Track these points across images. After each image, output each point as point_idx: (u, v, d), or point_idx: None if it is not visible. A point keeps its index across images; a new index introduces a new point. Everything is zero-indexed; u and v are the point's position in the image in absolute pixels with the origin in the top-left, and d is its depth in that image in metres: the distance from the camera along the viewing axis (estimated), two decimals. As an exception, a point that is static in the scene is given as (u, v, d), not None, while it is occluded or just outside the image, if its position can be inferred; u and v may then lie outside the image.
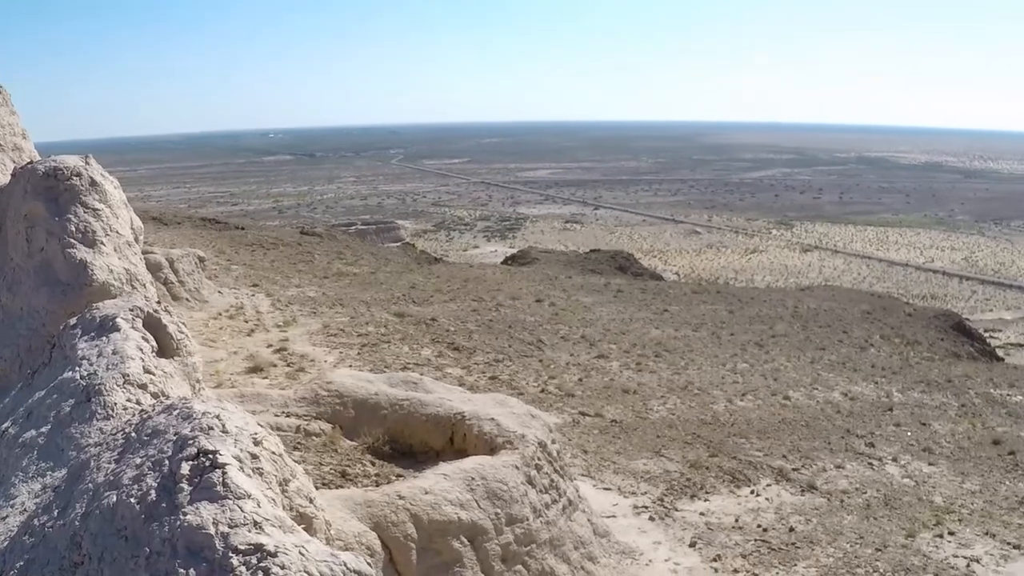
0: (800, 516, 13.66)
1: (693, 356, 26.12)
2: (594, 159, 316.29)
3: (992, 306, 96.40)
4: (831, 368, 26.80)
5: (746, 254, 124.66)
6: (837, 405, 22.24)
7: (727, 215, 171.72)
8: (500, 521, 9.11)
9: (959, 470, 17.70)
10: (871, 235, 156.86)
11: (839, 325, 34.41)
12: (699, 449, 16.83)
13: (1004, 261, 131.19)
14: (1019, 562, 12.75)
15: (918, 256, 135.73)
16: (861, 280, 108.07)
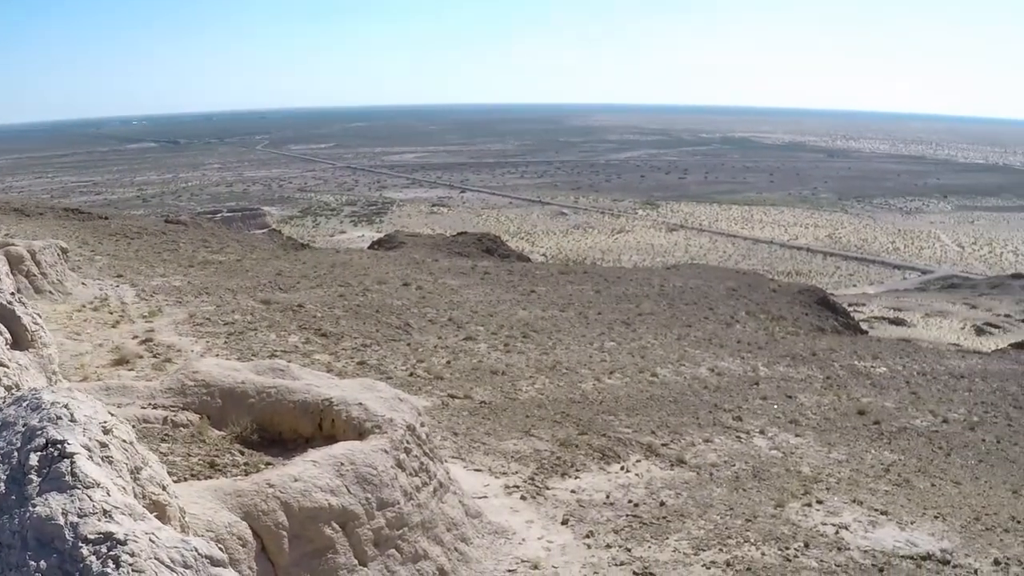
0: (670, 490, 15.07)
1: (561, 336, 28.10)
2: (460, 142, 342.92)
3: (856, 281, 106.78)
4: (698, 344, 29.32)
5: (613, 234, 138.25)
6: (704, 381, 24.44)
7: (594, 196, 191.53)
8: (371, 506, 9.81)
9: (826, 440, 19.94)
10: (736, 214, 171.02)
11: (705, 302, 37.50)
12: (568, 428, 18.25)
13: (867, 237, 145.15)
14: (886, 528, 14.57)
15: (783, 233, 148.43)
16: (727, 258, 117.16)
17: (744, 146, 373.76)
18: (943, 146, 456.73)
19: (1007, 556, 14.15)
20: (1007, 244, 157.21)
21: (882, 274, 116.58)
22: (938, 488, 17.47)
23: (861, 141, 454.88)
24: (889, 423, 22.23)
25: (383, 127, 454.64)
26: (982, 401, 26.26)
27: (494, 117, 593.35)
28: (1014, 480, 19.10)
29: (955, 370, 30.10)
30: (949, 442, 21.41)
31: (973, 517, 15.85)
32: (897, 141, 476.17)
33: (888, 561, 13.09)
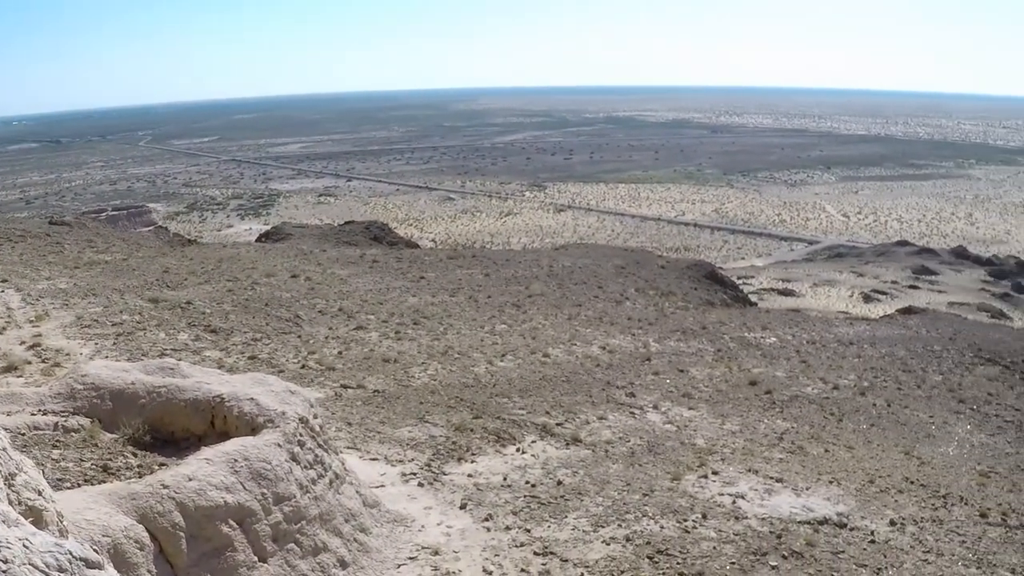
0: (567, 469, 15.18)
1: (452, 321, 28.11)
2: (344, 131, 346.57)
3: (744, 254, 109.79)
4: (588, 323, 29.59)
5: (501, 217, 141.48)
6: (596, 359, 24.66)
7: (480, 180, 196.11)
8: (268, 501, 9.73)
9: (719, 412, 20.28)
10: (623, 192, 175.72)
11: (595, 281, 37.90)
12: (463, 412, 18.24)
13: (753, 211, 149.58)
14: (782, 495, 14.89)
15: (670, 210, 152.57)
16: (615, 236, 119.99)
17: (629, 125, 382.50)
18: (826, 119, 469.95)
19: (902, 516, 14.60)
20: (891, 212, 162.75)
21: (769, 246, 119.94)
22: (831, 453, 17.91)
23: (744, 116, 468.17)
24: (781, 392, 22.75)
25: (267, 118, 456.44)
26: (871, 367, 27.00)
27: (378, 104, 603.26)
28: (905, 442, 19.71)
29: (844, 337, 30.89)
30: (840, 408, 22.00)
31: (867, 480, 16.28)
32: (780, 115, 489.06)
33: (786, 527, 13.36)
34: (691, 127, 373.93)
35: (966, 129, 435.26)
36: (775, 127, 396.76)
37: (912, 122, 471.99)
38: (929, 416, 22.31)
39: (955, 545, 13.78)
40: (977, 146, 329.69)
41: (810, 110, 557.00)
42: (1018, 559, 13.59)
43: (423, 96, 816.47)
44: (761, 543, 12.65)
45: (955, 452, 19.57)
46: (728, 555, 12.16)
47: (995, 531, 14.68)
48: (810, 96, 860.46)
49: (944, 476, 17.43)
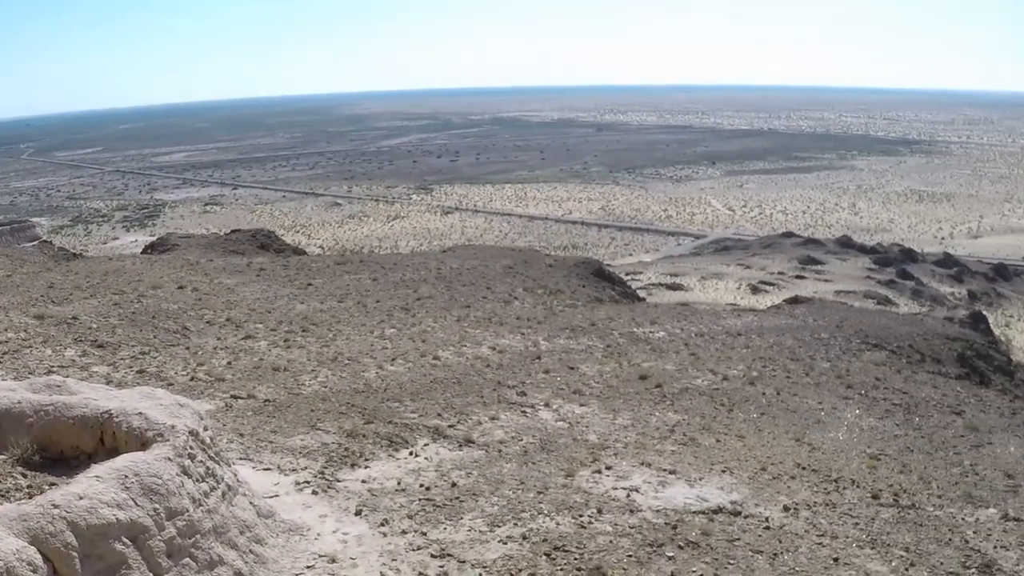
0: (461, 471, 15.10)
1: (341, 327, 27.79)
2: (229, 139, 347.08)
3: (631, 250, 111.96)
4: (478, 324, 29.57)
5: (388, 221, 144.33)
6: (486, 359, 24.63)
7: (367, 184, 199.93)
8: (160, 516, 9.47)
9: (610, 407, 20.40)
10: (509, 192, 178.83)
11: (483, 282, 37.95)
12: (355, 418, 18.02)
13: (639, 207, 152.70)
14: (676, 486, 15.02)
15: (557, 209, 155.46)
16: (503, 237, 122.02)
17: (514, 125, 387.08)
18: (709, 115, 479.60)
19: (795, 501, 14.88)
20: (776, 204, 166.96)
21: (657, 242, 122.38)
22: (723, 443, 18.17)
23: (629, 114, 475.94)
24: (671, 385, 23.00)
25: (151, 128, 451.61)
26: (760, 356, 27.48)
27: (263, 111, 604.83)
28: (796, 429, 20.09)
29: (732, 329, 31.40)
30: (731, 398, 22.33)
31: (759, 468, 16.55)
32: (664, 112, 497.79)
33: (681, 518, 13.46)
34: (577, 126, 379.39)
35: (848, 121, 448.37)
36: (660, 124, 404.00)
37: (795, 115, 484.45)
38: (818, 402, 22.80)
39: (849, 527, 14.06)
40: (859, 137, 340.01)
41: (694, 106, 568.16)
42: (911, 537, 13.94)
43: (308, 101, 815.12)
44: (657, 535, 12.73)
45: (845, 437, 20.01)
46: (625, 548, 12.21)
47: (887, 512, 15.03)
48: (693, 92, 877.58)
49: (835, 460, 17.83)
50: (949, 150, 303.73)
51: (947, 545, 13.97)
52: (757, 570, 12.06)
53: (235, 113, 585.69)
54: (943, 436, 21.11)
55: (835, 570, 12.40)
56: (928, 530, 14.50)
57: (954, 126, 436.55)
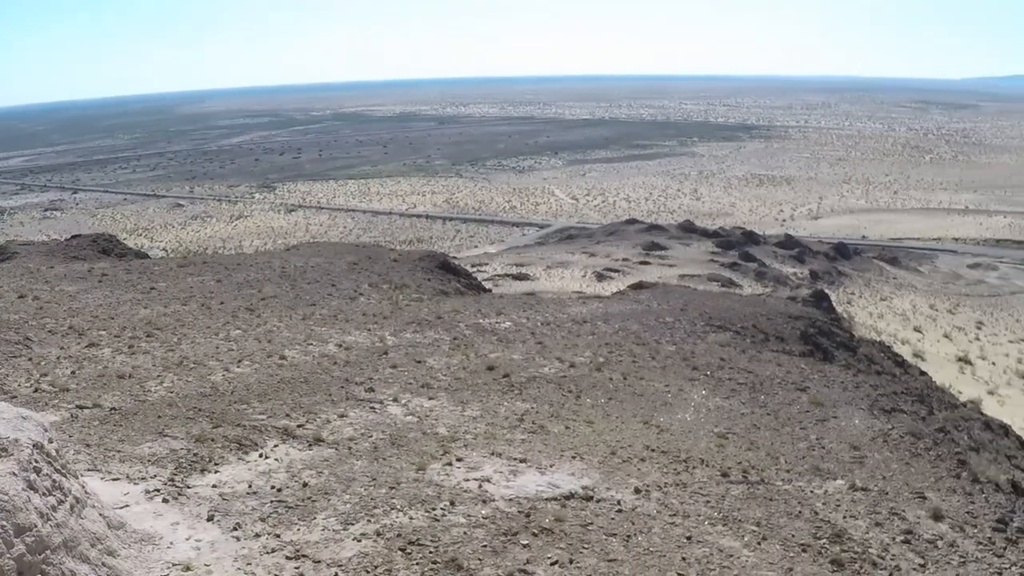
0: (312, 470, 14.94)
1: (185, 331, 27.05)
2: (68, 141, 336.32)
3: (477, 242, 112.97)
4: (324, 322, 29.22)
5: (232, 221, 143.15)
6: (333, 357, 24.35)
7: (209, 184, 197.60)
8: (8, 533, 9.14)
9: (459, 399, 20.41)
10: (353, 188, 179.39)
11: (327, 279, 37.53)
12: (202, 422, 17.58)
13: (483, 199, 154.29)
14: (528, 474, 15.13)
15: (401, 203, 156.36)
16: (348, 233, 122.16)
17: (356, 120, 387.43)
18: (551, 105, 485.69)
19: (646, 483, 15.13)
20: (618, 192, 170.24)
21: (502, 233, 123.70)
22: (572, 430, 18.36)
23: (471, 106, 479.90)
24: (518, 374, 23.12)
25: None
26: (606, 343, 27.83)
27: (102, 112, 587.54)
28: (644, 412, 20.42)
29: (578, 316, 31.74)
30: (578, 385, 22.54)
31: (609, 452, 16.77)
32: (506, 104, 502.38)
33: (533, 506, 13.60)
34: (419, 120, 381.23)
35: (688, 109, 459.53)
36: (502, 116, 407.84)
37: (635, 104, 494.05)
38: (665, 385, 23.21)
39: (700, 506, 14.40)
40: (699, 124, 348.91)
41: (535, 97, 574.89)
42: (762, 512, 14.38)
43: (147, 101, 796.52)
44: (511, 523, 12.86)
45: (692, 417, 20.43)
46: (479, 539, 12.31)
47: (737, 488, 15.43)
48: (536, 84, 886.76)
49: (684, 441, 18.18)
50: (788, 134, 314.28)
51: (797, 518, 14.45)
52: (612, 553, 12.25)
53: (73, 115, 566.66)
54: (789, 412, 21.72)
55: (689, 548, 12.68)
56: (778, 504, 14.95)
57: (792, 111, 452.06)
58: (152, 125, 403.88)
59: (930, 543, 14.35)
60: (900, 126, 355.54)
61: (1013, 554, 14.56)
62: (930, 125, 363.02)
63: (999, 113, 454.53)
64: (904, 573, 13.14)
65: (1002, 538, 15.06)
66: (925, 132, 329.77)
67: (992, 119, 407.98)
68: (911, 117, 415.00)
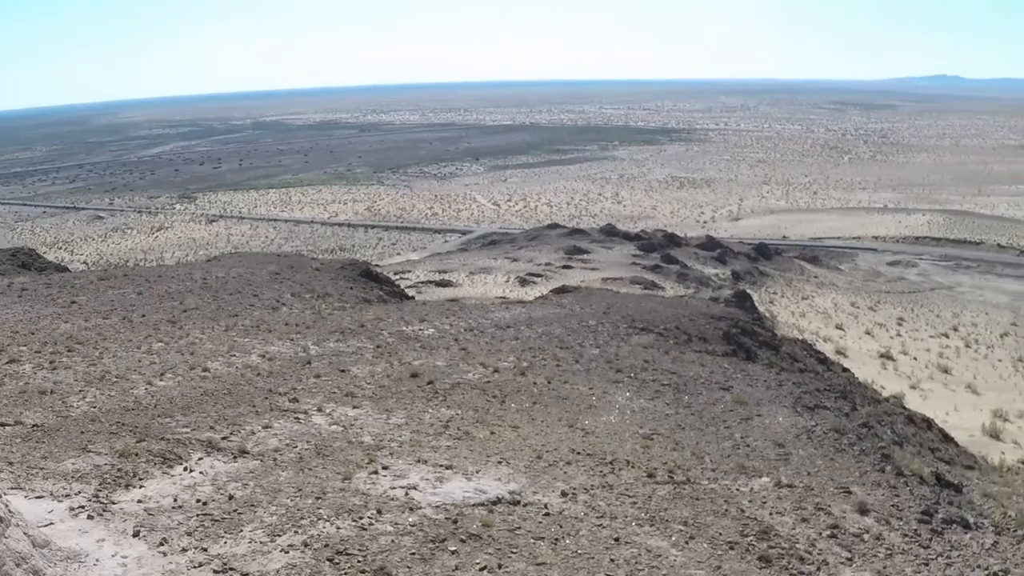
0: (237, 482, 14.74)
1: (107, 344, 26.60)
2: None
3: (399, 249, 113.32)
4: (246, 333, 28.90)
5: (153, 233, 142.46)
6: (256, 368, 24.09)
7: (129, 196, 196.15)
8: None
9: (383, 407, 20.31)
10: (274, 197, 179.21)
11: (250, 289, 37.12)
12: (126, 437, 17.28)
13: (405, 206, 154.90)
14: (454, 481, 15.10)
15: (322, 212, 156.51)
16: (270, 243, 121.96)
17: (277, 129, 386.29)
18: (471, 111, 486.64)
19: (573, 486, 15.18)
20: (540, 197, 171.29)
21: (424, 240, 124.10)
22: (498, 435, 18.36)
23: (392, 114, 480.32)
24: (442, 381, 23.06)
25: None
26: (530, 347, 27.88)
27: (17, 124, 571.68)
28: (568, 416, 20.50)
29: (501, 322, 31.76)
30: (502, 390, 22.56)
31: (535, 456, 16.81)
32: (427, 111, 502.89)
33: (461, 512, 13.58)
34: (339, 128, 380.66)
35: (608, 113, 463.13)
36: (422, 123, 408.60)
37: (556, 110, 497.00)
38: (589, 388, 23.33)
39: (627, 507, 14.48)
40: (620, 128, 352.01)
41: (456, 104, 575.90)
42: (689, 512, 14.50)
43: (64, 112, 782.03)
44: (438, 530, 12.83)
45: (617, 419, 20.55)
46: (407, 546, 12.27)
47: (664, 489, 15.54)
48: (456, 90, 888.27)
49: (609, 443, 18.28)
50: (708, 137, 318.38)
51: (724, 516, 14.59)
52: (540, 556, 12.27)
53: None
54: (713, 412, 21.95)
55: (617, 549, 12.74)
56: (705, 503, 15.09)
57: (712, 114, 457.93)
58: (70, 137, 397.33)
59: (856, 537, 14.61)
60: (819, 127, 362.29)
61: (939, 545, 14.90)
62: (848, 126, 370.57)
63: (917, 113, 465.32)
64: (831, 567, 13.36)
65: (927, 529, 15.41)
66: (843, 133, 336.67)
67: (910, 119, 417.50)
68: (829, 118, 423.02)
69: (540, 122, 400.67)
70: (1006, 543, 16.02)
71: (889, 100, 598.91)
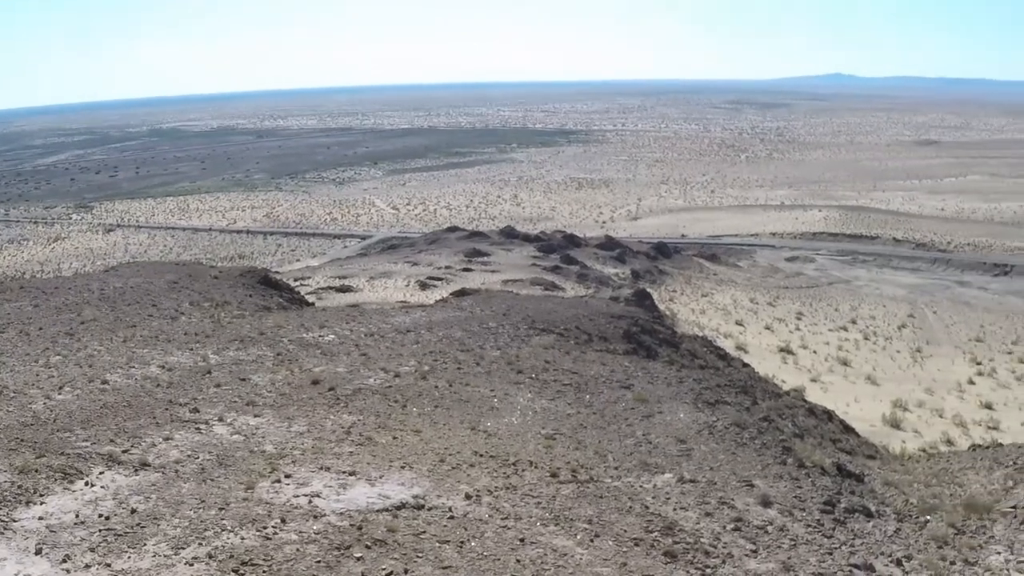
0: (139, 496, 14.42)
1: (4, 359, 25.87)
2: None
3: (299, 256, 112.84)
4: (145, 344, 28.35)
5: (49, 243, 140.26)
6: (156, 379, 23.64)
7: (24, 206, 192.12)
8: None
9: (285, 415, 20.10)
10: (172, 205, 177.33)
11: (148, 300, 36.46)
12: (25, 453, 16.83)
13: (304, 212, 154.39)
14: (357, 487, 14.99)
15: (221, 219, 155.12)
16: (168, 251, 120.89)
17: (174, 136, 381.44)
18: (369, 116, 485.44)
19: (476, 489, 15.18)
20: (439, 200, 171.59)
21: (324, 245, 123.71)
22: (400, 440, 18.28)
23: (289, 119, 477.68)
24: (344, 387, 22.93)
25: None
26: (430, 351, 27.85)
27: None
28: (471, 418, 20.53)
29: (401, 326, 31.68)
30: (404, 395, 22.49)
31: (438, 459, 16.77)
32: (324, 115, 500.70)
33: (365, 518, 13.51)
34: (237, 134, 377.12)
35: (506, 116, 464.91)
36: (320, 127, 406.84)
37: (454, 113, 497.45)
38: (491, 390, 23.39)
39: (531, 507, 14.54)
40: (518, 131, 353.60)
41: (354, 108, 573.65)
42: (593, 510, 14.61)
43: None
44: (343, 537, 12.76)
45: (519, 421, 20.64)
46: (312, 555, 12.19)
47: (567, 488, 15.62)
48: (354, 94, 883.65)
49: (512, 445, 18.36)
50: (606, 138, 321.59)
51: (628, 513, 14.72)
52: (446, 560, 12.26)
53: None
54: (614, 410, 22.16)
55: (522, 550, 12.78)
56: (609, 501, 15.20)
57: (609, 115, 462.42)
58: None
59: (760, 529, 14.87)
60: (715, 126, 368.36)
61: (842, 534, 15.24)
62: (745, 125, 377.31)
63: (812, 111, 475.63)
64: (736, 560, 13.56)
65: (830, 519, 15.76)
66: (740, 131, 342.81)
67: (805, 117, 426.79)
68: (726, 117, 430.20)
69: (438, 125, 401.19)
70: (908, 529, 16.48)
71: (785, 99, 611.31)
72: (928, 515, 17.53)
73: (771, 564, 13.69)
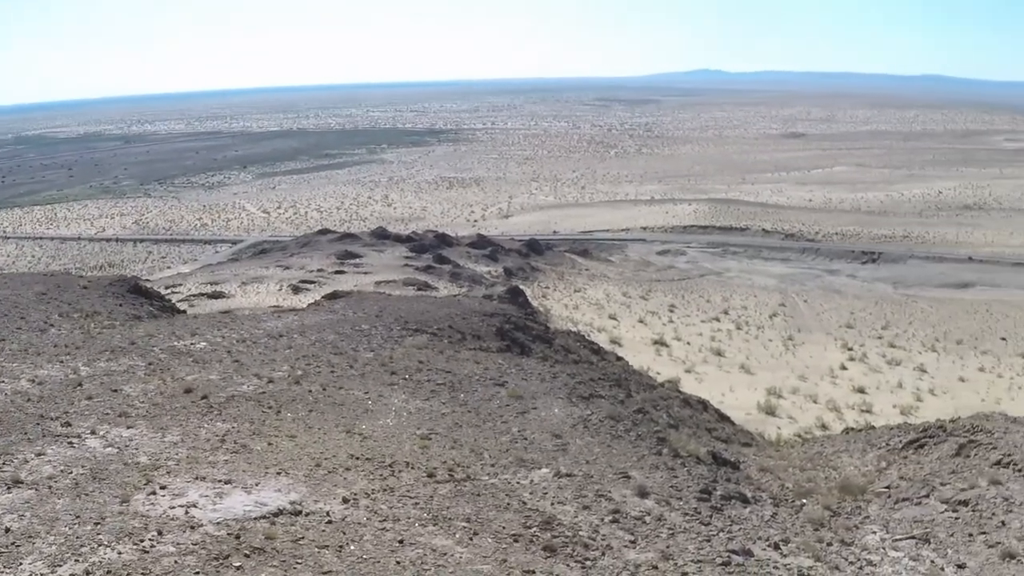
0: (13, 514, 14.03)
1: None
2: None
3: (169, 263, 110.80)
4: (14, 357, 27.46)
5: None
6: (26, 393, 22.97)
7: None
8: None
9: (158, 426, 19.72)
10: (39, 215, 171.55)
11: (16, 312, 35.35)
12: None
13: (174, 218, 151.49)
14: (234, 496, 14.80)
15: (89, 227, 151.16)
16: (36, 262, 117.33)
17: (40, 143, 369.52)
18: (238, 118, 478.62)
19: (353, 492, 15.15)
20: (310, 203, 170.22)
21: (194, 251, 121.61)
22: (275, 446, 18.12)
23: (157, 124, 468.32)
24: (217, 395, 22.59)
25: None
26: (304, 355, 27.61)
27: None
28: (345, 421, 20.43)
29: (274, 331, 31.35)
30: (278, 400, 22.27)
31: (314, 464, 16.67)
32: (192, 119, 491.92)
33: (243, 527, 13.39)
34: (104, 140, 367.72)
35: (376, 116, 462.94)
36: (188, 132, 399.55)
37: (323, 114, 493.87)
38: (365, 393, 23.31)
39: (409, 508, 14.56)
40: (387, 131, 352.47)
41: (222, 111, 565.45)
42: (471, 508, 14.72)
43: None
44: (221, 547, 12.64)
45: (395, 422, 20.60)
46: (191, 566, 12.05)
47: (444, 487, 15.68)
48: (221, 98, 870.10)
49: (387, 446, 18.32)
50: (475, 137, 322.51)
51: (506, 509, 14.86)
52: (325, 565, 12.23)
53: None
54: (489, 408, 22.28)
55: (402, 551, 12.81)
56: (486, 498, 15.31)
57: (479, 113, 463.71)
58: None
59: (638, 519, 15.14)
60: (584, 123, 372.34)
61: (719, 521, 15.61)
62: (613, 121, 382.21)
63: (680, 106, 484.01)
64: (616, 551, 13.78)
65: (707, 507, 16.13)
66: (609, 128, 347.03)
67: (673, 112, 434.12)
68: (595, 114, 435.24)
69: (308, 127, 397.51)
70: (784, 514, 16.96)
71: (652, 95, 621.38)
72: (804, 499, 18.09)
73: (650, 554, 13.95)
